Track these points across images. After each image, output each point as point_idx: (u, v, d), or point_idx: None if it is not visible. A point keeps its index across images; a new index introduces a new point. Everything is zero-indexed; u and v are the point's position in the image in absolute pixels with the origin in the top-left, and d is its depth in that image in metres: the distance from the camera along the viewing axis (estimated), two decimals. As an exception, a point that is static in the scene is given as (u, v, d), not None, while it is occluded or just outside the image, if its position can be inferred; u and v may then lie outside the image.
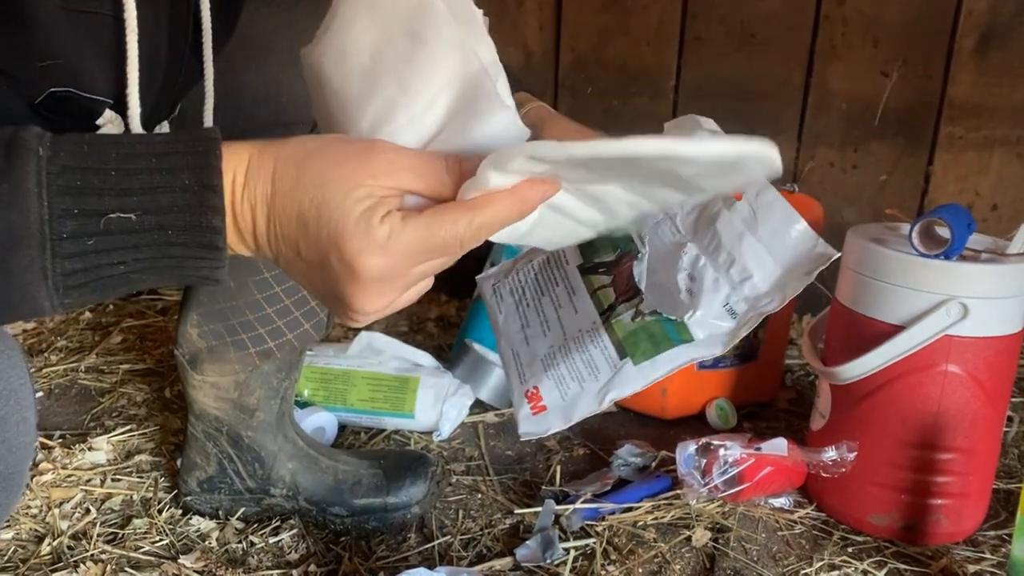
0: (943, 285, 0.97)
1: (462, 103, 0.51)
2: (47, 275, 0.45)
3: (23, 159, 0.45)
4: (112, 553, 0.99)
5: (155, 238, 0.47)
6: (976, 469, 1.03)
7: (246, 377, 1.01)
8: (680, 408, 1.34)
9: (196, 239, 0.47)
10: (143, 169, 0.46)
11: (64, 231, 0.45)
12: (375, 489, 1.05)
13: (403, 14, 0.52)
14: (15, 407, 0.57)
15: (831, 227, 1.65)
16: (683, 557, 1.01)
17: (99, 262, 0.46)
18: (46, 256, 0.45)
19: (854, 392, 1.04)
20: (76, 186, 0.45)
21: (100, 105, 0.58)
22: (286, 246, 0.49)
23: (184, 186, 0.47)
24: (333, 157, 0.48)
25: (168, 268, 0.48)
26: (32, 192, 0.44)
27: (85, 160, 0.46)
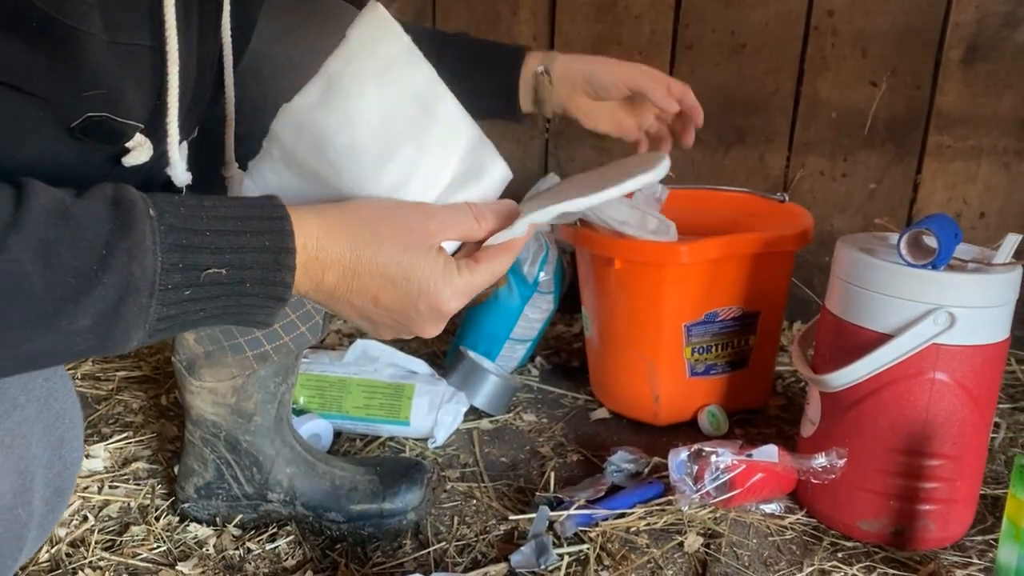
0: (930, 294, 0.98)
1: (470, 162, 0.64)
2: (147, 319, 0.52)
3: (138, 218, 0.51)
4: (110, 560, 0.99)
5: (236, 290, 0.55)
6: (964, 475, 1.05)
7: (243, 382, 1.02)
8: (672, 415, 1.36)
9: (268, 292, 0.56)
10: (231, 231, 0.54)
11: (170, 283, 0.52)
12: (371, 495, 1.06)
13: (412, 88, 0.62)
14: (70, 426, 0.61)
15: (821, 235, 1.68)
16: (675, 563, 1.03)
17: (188, 309, 0.53)
18: (152, 304, 0.52)
19: (844, 399, 1.06)
20: (182, 244, 0.52)
21: (132, 129, 0.60)
22: (356, 296, 0.60)
23: (265, 247, 0.55)
24: (402, 223, 0.60)
25: (235, 314, 0.56)
26: (150, 249, 0.51)
27: (184, 221, 0.53)
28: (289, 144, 0.63)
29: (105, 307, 0.50)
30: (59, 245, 0.48)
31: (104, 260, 0.49)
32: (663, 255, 1.24)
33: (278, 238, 0.55)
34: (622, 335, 1.35)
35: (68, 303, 0.49)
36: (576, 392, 1.48)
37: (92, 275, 0.49)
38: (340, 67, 0.62)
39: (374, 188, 0.62)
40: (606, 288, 1.33)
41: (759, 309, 1.34)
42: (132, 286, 0.50)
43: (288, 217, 0.56)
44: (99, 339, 0.51)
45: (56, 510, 0.61)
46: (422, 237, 0.60)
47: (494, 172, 0.65)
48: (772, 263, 1.31)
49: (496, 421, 1.37)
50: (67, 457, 0.61)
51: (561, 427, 1.36)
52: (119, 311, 0.50)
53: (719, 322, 1.31)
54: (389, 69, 0.62)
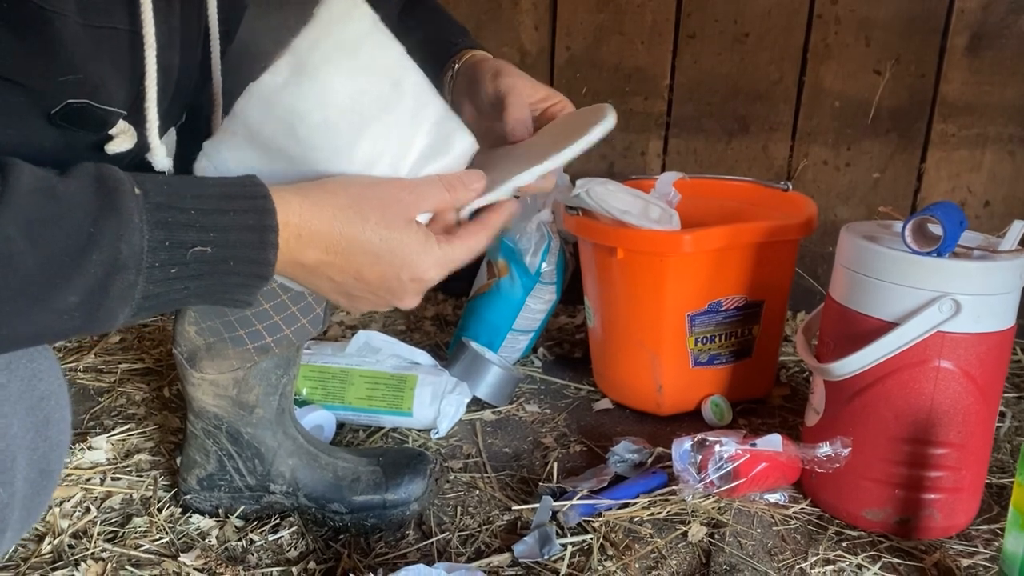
0: (935, 282, 0.98)
1: (437, 136, 0.66)
2: (133, 298, 0.52)
3: (125, 196, 0.51)
4: (112, 551, 0.99)
5: (220, 268, 0.55)
6: (969, 464, 1.04)
7: (245, 374, 1.02)
8: (676, 405, 1.35)
9: (251, 270, 0.56)
10: (215, 209, 0.54)
11: (157, 260, 0.52)
12: (374, 486, 1.06)
13: (381, 65, 0.63)
14: (55, 407, 0.61)
15: (825, 225, 1.67)
16: (679, 552, 1.02)
17: (173, 287, 0.54)
18: (139, 281, 0.52)
19: (848, 388, 1.05)
20: (168, 222, 0.52)
21: (114, 116, 0.59)
22: (339, 272, 0.61)
23: (249, 226, 0.55)
24: (383, 199, 0.61)
25: (218, 292, 0.56)
26: (137, 227, 0.51)
27: (170, 199, 0.53)
28: (255, 122, 0.63)
29: (94, 284, 0.50)
30: (48, 223, 0.48)
31: (92, 238, 0.49)
32: (666, 244, 1.23)
33: (261, 216, 0.56)
34: (625, 325, 1.34)
35: (59, 280, 0.49)
36: (579, 383, 1.48)
37: (81, 253, 0.49)
38: (310, 46, 0.62)
39: (346, 165, 0.63)
40: (609, 278, 1.33)
41: (763, 298, 1.33)
42: (120, 263, 0.50)
43: (269, 196, 0.57)
44: (86, 316, 0.51)
45: (43, 492, 0.61)
46: (402, 211, 0.62)
47: (461, 144, 0.67)
48: (776, 252, 1.31)
49: (499, 412, 1.37)
50: (53, 439, 0.60)
51: (564, 418, 1.36)
52: (107, 288, 0.50)
53: (722, 312, 1.31)
54: (358, 47, 0.63)
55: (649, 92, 1.77)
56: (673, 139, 1.78)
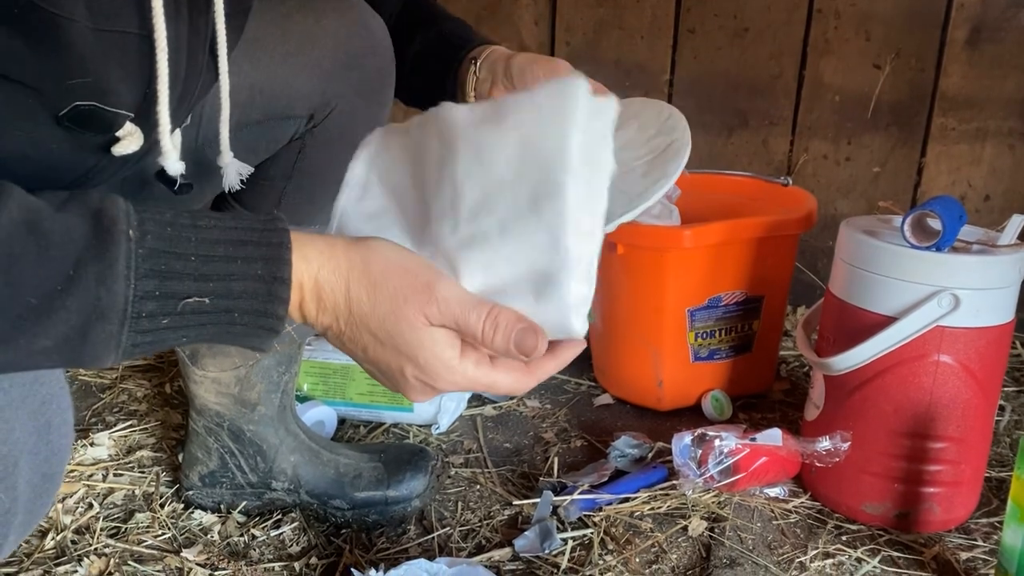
0: (935, 276, 0.98)
1: (535, 277, 0.55)
2: (119, 345, 0.49)
3: (115, 239, 0.48)
4: (115, 547, 1.00)
5: (222, 319, 0.51)
6: (968, 458, 1.05)
7: (247, 371, 1.02)
8: (676, 400, 1.35)
9: (258, 322, 0.53)
10: (220, 256, 0.51)
11: (144, 311, 0.49)
12: (376, 482, 1.06)
13: (535, 173, 0.54)
14: (57, 410, 0.60)
15: (825, 219, 1.67)
16: (679, 546, 1.03)
17: (166, 336, 0.51)
18: (123, 332, 0.49)
19: (848, 383, 1.05)
20: (160, 270, 0.49)
21: (121, 118, 0.59)
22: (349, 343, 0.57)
23: (257, 276, 0.52)
24: (400, 289, 0.55)
25: (223, 341, 0.53)
26: (122, 274, 0.48)
27: (169, 244, 0.50)
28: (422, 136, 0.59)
29: (68, 331, 0.47)
30: (23, 261, 0.46)
31: (70, 280, 0.47)
32: (666, 240, 1.24)
33: (272, 267, 0.52)
34: (625, 320, 1.34)
35: (27, 322, 0.46)
36: (579, 378, 1.48)
37: (55, 295, 0.47)
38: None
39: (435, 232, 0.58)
40: (609, 274, 1.33)
41: (763, 294, 1.34)
42: (99, 312, 0.48)
43: (288, 244, 0.53)
44: (66, 359, 0.49)
45: (44, 496, 0.60)
46: (416, 310, 0.56)
47: (551, 308, 0.56)
48: (776, 247, 1.31)
49: (499, 407, 1.37)
50: (55, 443, 0.60)
51: (564, 413, 1.36)
52: (85, 335, 0.48)
53: (722, 307, 1.31)
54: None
55: (649, 87, 1.77)
56: (673, 134, 1.78)
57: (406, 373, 0.57)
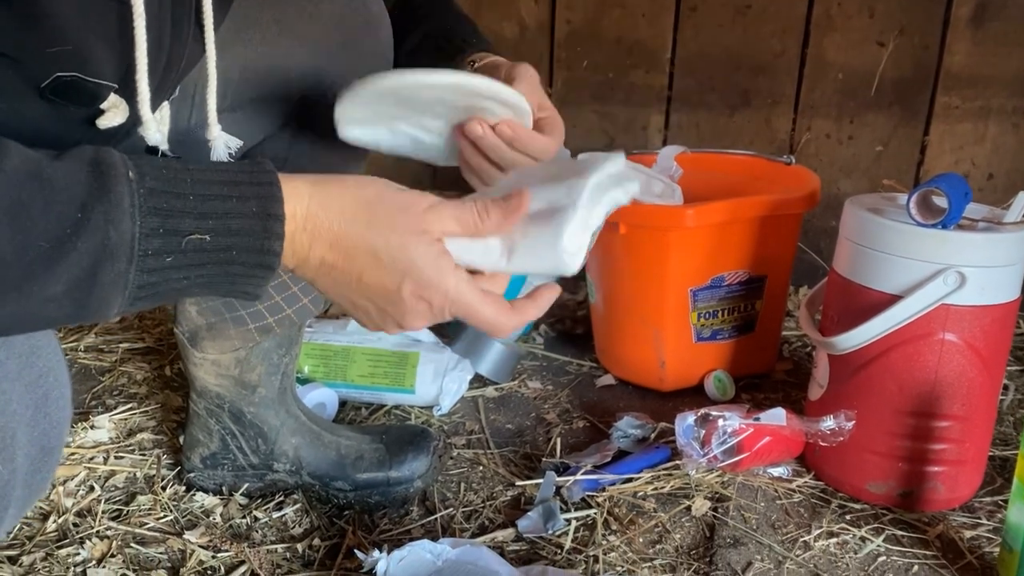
0: (940, 254, 0.97)
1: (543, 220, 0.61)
2: (127, 286, 0.50)
3: (116, 180, 0.49)
4: (117, 529, 0.99)
5: (221, 257, 0.53)
6: (973, 436, 1.04)
7: (247, 354, 1.02)
8: (678, 380, 1.35)
9: (255, 260, 0.54)
10: (216, 196, 0.52)
11: (150, 249, 0.50)
12: (378, 464, 1.06)
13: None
14: (55, 384, 0.60)
15: (828, 198, 1.66)
16: (683, 526, 1.02)
17: (170, 276, 0.51)
18: (131, 271, 0.50)
19: (852, 362, 1.05)
20: (162, 208, 0.50)
21: (105, 89, 0.58)
22: (342, 274, 0.58)
23: (252, 213, 0.53)
24: (395, 205, 0.58)
25: (222, 283, 0.54)
26: (127, 212, 0.49)
27: (167, 184, 0.51)
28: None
29: (80, 273, 0.48)
30: (31, 207, 0.47)
31: (79, 223, 0.48)
32: (669, 219, 1.23)
33: (266, 204, 0.53)
34: (627, 301, 1.34)
35: (40, 268, 0.47)
36: (581, 359, 1.47)
37: (66, 239, 0.47)
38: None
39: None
40: (611, 254, 1.32)
41: (766, 273, 1.33)
42: (108, 251, 0.49)
43: (278, 183, 0.54)
44: (76, 306, 0.49)
45: (43, 469, 0.60)
46: (415, 220, 0.58)
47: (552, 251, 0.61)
48: (779, 226, 1.30)
49: (501, 389, 1.36)
50: (53, 415, 0.60)
51: (567, 394, 1.36)
52: (95, 277, 0.49)
53: (725, 287, 1.30)
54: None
55: (650, 66, 1.75)
56: (675, 113, 1.76)
57: (403, 292, 0.58)
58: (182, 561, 0.95)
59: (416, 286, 0.59)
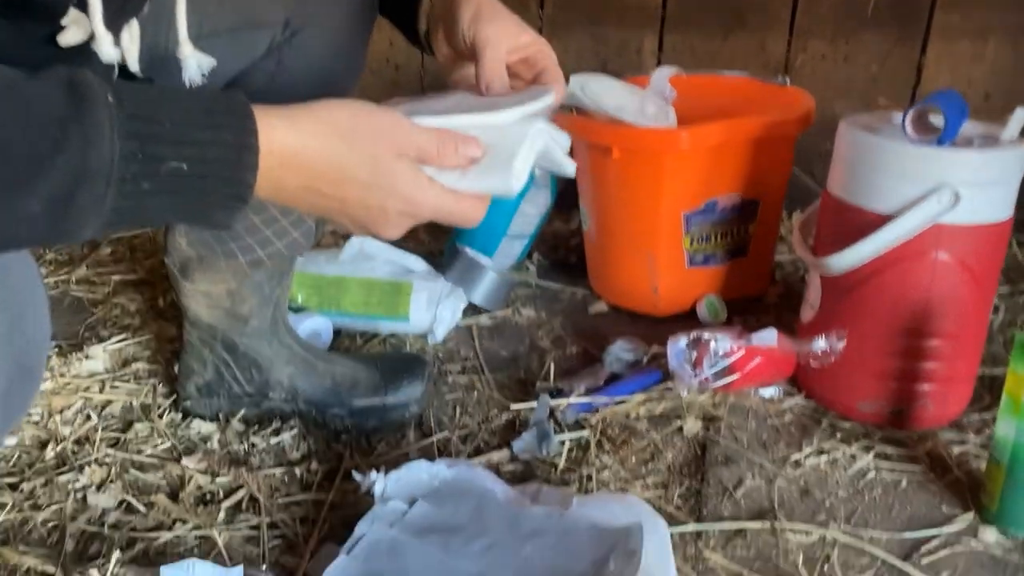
0: (935, 173, 0.96)
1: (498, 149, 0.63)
2: (103, 210, 0.49)
3: (94, 102, 0.48)
4: (116, 456, 1.00)
5: (196, 186, 0.52)
6: (963, 355, 1.05)
7: (238, 286, 1.01)
8: (671, 305, 1.35)
9: (229, 190, 0.53)
10: (193, 124, 0.51)
11: (128, 173, 0.49)
12: (373, 390, 1.06)
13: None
14: (30, 301, 0.60)
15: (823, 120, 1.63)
16: (675, 446, 1.04)
17: (146, 203, 0.51)
18: (108, 194, 0.49)
19: (844, 283, 1.05)
20: (140, 133, 0.49)
21: (62, 4, 0.56)
22: (322, 199, 0.59)
23: (227, 143, 0.52)
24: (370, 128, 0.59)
25: (195, 213, 0.54)
26: (106, 135, 0.48)
27: (145, 109, 0.50)
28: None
29: (58, 192, 0.47)
30: (8, 124, 0.46)
31: (57, 143, 0.47)
32: (662, 142, 1.21)
33: (241, 135, 0.53)
34: (620, 227, 1.33)
35: (18, 185, 0.46)
36: (574, 287, 1.47)
37: (44, 157, 0.47)
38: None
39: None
40: (604, 179, 1.31)
41: (759, 196, 1.32)
42: (87, 173, 0.48)
43: (251, 115, 0.54)
44: (50, 226, 0.49)
45: (24, 389, 0.60)
46: (392, 144, 0.59)
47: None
48: (773, 148, 1.29)
49: (495, 317, 1.37)
50: (30, 333, 0.59)
51: (560, 321, 1.36)
52: (73, 198, 0.48)
53: (719, 211, 1.30)
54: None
55: (644, -12, 1.71)
56: (668, 35, 1.73)
57: (387, 210, 0.60)
58: (181, 486, 0.96)
59: (399, 203, 0.60)
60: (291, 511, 0.93)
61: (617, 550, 0.75)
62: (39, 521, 0.90)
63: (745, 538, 0.90)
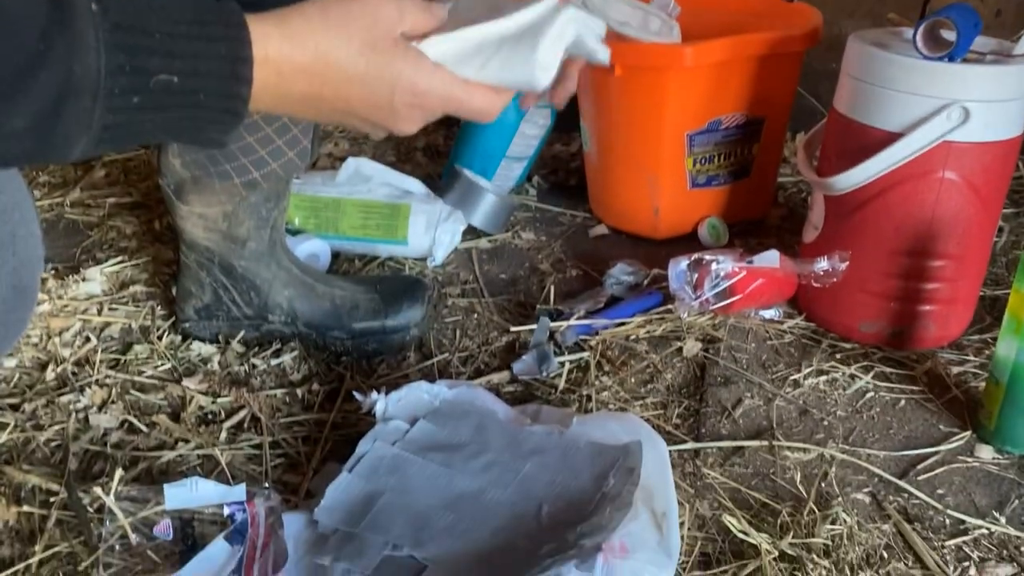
0: (945, 88, 0.94)
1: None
2: (91, 125, 0.48)
3: (77, 12, 0.46)
4: (116, 378, 1.00)
5: (188, 100, 0.50)
6: (966, 276, 1.05)
7: (234, 208, 1.00)
8: (672, 228, 1.34)
9: (222, 105, 0.52)
10: (184, 35, 0.49)
11: (116, 87, 0.47)
12: (373, 313, 1.06)
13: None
14: (21, 221, 0.59)
15: (830, 39, 1.59)
16: (674, 367, 1.04)
17: (136, 118, 0.49)
18: (96, 108, 0.47)
19: (849, 202, 1.04)
20: (128, 45, 0.47)
21: None
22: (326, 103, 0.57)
23: (220, 55, 0.51)
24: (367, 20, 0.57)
25: (188, 129, 0.53)
26: (92, 47, 0.46)
27: (132, 19, 0.48)
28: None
29: (43, 107, 0.46)
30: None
31: (40, 55, 0.45)
32: (666, 58, 1.18)
33: (234, 47, 0.51)
34: (622, 147, 1.31)
35: (1, 101, 0.45)
36: (575, 210, 1.46)
37: (27, 70, 0.45)
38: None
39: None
40: (606, 98, 1.28)
41: (764, 116, 1.30)
42: (73, 86, 0.46)
43: (245, 24, 0.52)
44: (37, 143, 0.47)
45: (19, 309, 0.60)
46: (388, 29, 0.58)
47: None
48: (779, 66, 1.26)
49: (494, 240, 1.36)
50: (22, 253, 0.58)
51: (560, 244, 1.35)
52: (59, 113, 0.46)
53: (722, 130, 1.27)
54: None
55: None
56: (672, -50, 1.67)
57: (395, 103, 0.59)
58: (182, 406, 0.96)
59: (406, 95, 0.58)
60: (293, 431, 0.94)
61: (617, 467, 0.75)
62: (42, 441, 0.91)
63: (743, 456, 0.90)
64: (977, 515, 0.83)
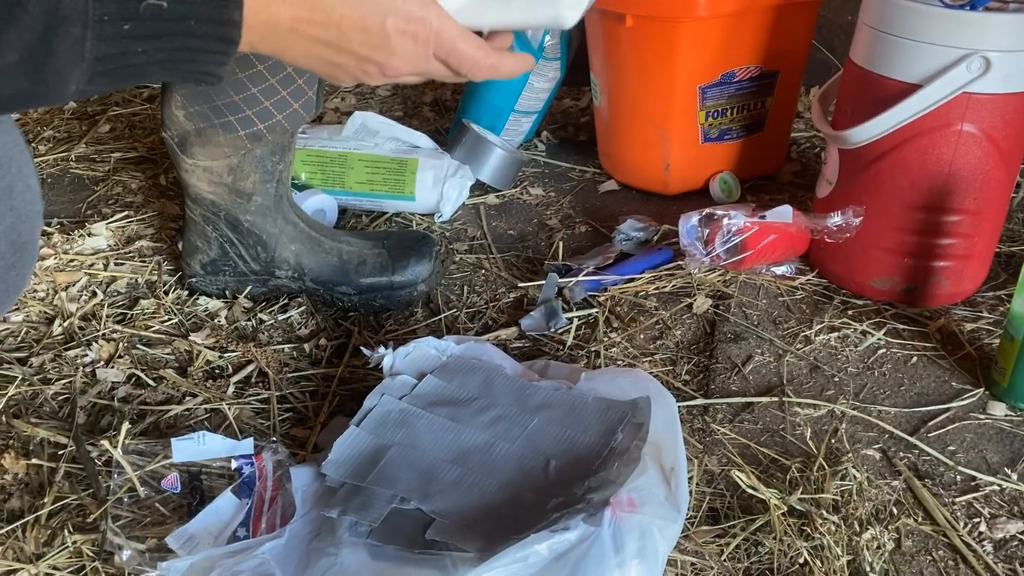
0: (966, 38, 0.92)
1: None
2: (83, 56, 0.47)
3: None
4: (123, 332, 1.00)
5: (179, 28, 0.49)
6: (982, 231, 1.03)
7: (239, 161, 0.99)
8: (683, 183, 1.32)
9: (215, 31, 0.50)
10: None
11: (106, 13, 0.46)
12: (380, 268, 1.05)
13: None
14: (18, 175, 0.57)
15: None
16: (684, 323, 1.03)
17: (128, 48, 0.48)
18: (88, 37, 0.46)
19: (864, 156, 1.02)
20: None
21: None
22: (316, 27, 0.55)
23: None
24: None
25: (182, 61, 0.51)
26: None
27: None
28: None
29: (33, 38, 0.45)
30: None
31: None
32: (678, 8, 1.15)
33: None
34: (633, 101, 1.29)
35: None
36: (584, 165, 1.44)
37: (12, 2, 0.44)
38: None
39: None
40: (617, 49, 1.26)
41: (777, 68, 1.27)
42: (61, 14, 0.45)
43: None
44: (31, 78, 0.46)
45: (19, 265, 0.59)
46: None
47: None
48: (794, 16, 1.23)
49: (503, 196, 1.34)
50: (20, 209, 0.57)
51: (569, 200, 1.33)
52: (50, 43, 0.45)
53: (735, 83, 1.25)
54: None
55: None
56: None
57: (387, 28, 0.57)
58: (189, 361, 0.96)
59: (399, 19, 0.57)
60: (300, 385, 0.93)
61: (625, 422, 0.75)
62: (49, 395, 0.91)
63: (753, 413, 0.90)
64: (988, 472, 0.83)
